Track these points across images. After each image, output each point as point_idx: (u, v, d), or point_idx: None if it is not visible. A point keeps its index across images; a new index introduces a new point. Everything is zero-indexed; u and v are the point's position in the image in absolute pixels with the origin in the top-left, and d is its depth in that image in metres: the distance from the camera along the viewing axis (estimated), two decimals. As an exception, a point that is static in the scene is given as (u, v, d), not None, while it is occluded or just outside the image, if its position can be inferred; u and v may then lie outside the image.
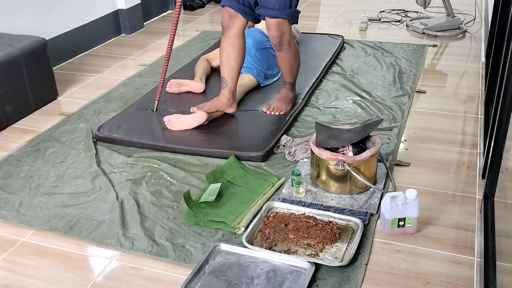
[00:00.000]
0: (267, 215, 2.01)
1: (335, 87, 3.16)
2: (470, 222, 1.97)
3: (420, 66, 3.41)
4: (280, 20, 2.50)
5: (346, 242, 1.87)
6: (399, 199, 1.86)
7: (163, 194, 2.19)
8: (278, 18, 2.50)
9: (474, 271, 1.74)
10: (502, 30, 2.58)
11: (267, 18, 2.52)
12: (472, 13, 4.32)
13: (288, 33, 2.57)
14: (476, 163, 2.34)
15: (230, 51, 2.59)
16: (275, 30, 2.53)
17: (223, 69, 2.63)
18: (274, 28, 2.53)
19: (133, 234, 1.96)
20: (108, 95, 3.18)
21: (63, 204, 2.15)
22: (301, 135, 2.61)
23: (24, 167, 2.44)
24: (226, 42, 2.59)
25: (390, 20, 4.48)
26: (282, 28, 2.53)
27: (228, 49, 2.59)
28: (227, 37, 2.59)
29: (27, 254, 1.90)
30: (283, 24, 2.52)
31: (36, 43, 2.98)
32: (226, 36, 2.59)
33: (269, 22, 2.53)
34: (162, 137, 2.58)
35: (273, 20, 2.51)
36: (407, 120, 2.73)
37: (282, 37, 2.55)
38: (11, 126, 2.87)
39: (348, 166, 2.04)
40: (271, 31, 2.54)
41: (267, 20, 2.53)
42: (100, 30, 4.15)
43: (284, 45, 2.59)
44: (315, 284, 1.70)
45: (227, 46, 2.59)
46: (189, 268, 1.78)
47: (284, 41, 2.57)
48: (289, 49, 2.62)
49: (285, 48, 2.60)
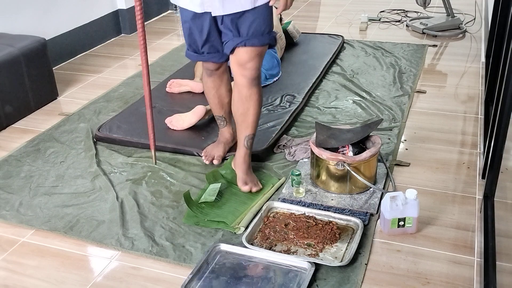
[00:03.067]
0: (267, 215, 2.01)
1: (335, 87, 3.16)
2: (470, 222, 1.97)
3: (420, 66, 3.41)
4: (265, 47, 2.03)
5: (346, 242, 1.87)
6: (399, 199, 1.86)
7: (163, 194, 2.19)
8: (263, 45, 2.00)
9: (474, 271, 1.74)
10: (502, 30, 2.58)
11: (248, 48, 1.98)
12: (472, 13, 4.32)
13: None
14: (476, 163, 2.34)
15: (222, 90, 2.25)
16: (257, 61, 2.03)
17: (218, 108, 2.31)
18: (259, 57, 2.03)
19: (133, 234, 1.96)
20: (108, 95, 3.18)
21: (63, 204, 2.15)
22: (301, 135, 2.61)
23: (24, 167, 2.44)
24: (216, 81, 2.23)
25: (390, 20, 4.48)
26: (262, 56, 2.05)
27: (220, 88, 2.25)
28: (215, 77, 2.22)
29: (27, 254, 1.90)
30: (263, 50, 2.04)
31: (36, 43, 2.98)
32: (214, 77, 2.22)
33: (251, 53, 1.99)
34: (162, 137, 2.57)
35: (260, 49, 2.01)
36: (407, 120, 2.73)
37: (260, 66, 2.07)
38: (11, 126, 2.87)
39: (348, 166, 2.04)
40: (254, 62, 2.00)
41: (247, 51, 1.98)
42: (100, 30, 4.15)
43: (259, 78, 2.10)
44: (315, 284, 1.70)
45: (219, 85, 2.24)
46: (189, 268, 1.78)
47: (260, 72, 2.09)
48: (260, 83, 2.12)
49: (259, 82, 2.11)
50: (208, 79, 2.24)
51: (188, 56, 2.18)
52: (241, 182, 2.17)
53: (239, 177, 2.19)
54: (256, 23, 1.95)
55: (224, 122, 2.36)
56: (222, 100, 2.28)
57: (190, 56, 2.18)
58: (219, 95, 2.27)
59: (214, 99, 2.29)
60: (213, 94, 2.27)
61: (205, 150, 2.39)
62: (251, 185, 2.16)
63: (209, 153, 2.37)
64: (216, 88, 2.25)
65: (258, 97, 2.11)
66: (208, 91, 2.29)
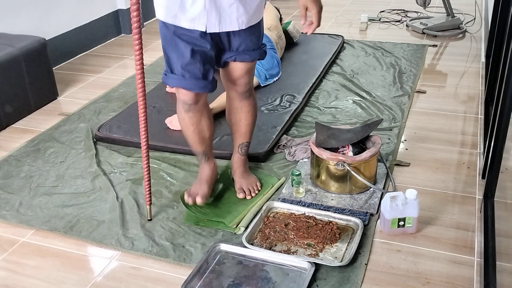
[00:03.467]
0: (267, 215, 2.01)
1: (335, 87, 3.16)
2: (470, 222, 1.97)
3: (420, 66, 3.41)
4: (255, 62, 2.00)
5: (346, 242, 1.87)
6: (399, 199, 1.86)
7: (163, 194, 2.19)
8: (254, 60, 1.96)
9: (474, 271, 1.74)
10: (502, 30, 2.58)
11: (241, 63, 1.93)
12: (472, 13, 4.32)
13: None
14: (476, 163, 2.34)
15: (203, 125, 2.01)
16: (250, 75, 2.00)
17: (198, 144, 2.05)
18: (250, 73, 2.00)
19: (133, 234, 1.96)
20: (108, 95, 3.18)
21: (63, 204, 2.15)
22: (301, 135, 2.61)
23: (24, 167, 2.44)
24: (196, 116, 1.98)
25: (390, 20, 4.48)
26: (253, 70, 2.03)
27: (200, 123, 2.00)
28: (194, 112, 1.96)
29: (27, 254, 1.90)
30: (254, 65, 2.03)
31: (36, 43, 2.98)
32: (193, 112, 1.96)
33: (244, 68, 1.95)
34: (162, 137, 2.57)
35: (250, 64, 1.97)
36: (407, 120, 2.73)
37: (252, 80, 2.05)
38: (11, 126, 2.87)
39: (348, 166, 2.04)
40: (244, 78, 1.98)
41: (241, 65, 1.94)
42: (100, 30, 4.15)
43: (252, 90, 2.08)
44: (315, 284, 1.70)
45: (198, 120, 1.99)
46: (189, 268, 1.78)
47: (253, 85, 2.08)
48: (253, 93, 2.09)
49: (253, 93, 2.08)
50: (186, 115, 1.97)
51: (167, 81, 1.92)
52: (237, 187, 2.15)
53: (236, 181, 2.17)
54: (248, 40, 1.88)
55: (205, 158, 2.11)
56: (203, 136, 2.04)
57: (168, 80, 1.91)
58: (199, 131, 2.01)
59: (193, 136, 2.03)
60: (192, 130, 2.01)
61: (187, 191, 2.11)
62: (246, 192, 2.13)
63: (192, 192, 2.09)
64: (196, 124, 1.99)
65: (250, 108, 2.07)
66: (186, 128, 2.02)
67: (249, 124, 2.11)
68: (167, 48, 1.86)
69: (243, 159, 2.19)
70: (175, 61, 1.85)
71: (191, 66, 1.83)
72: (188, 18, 1.76)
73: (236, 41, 1.87)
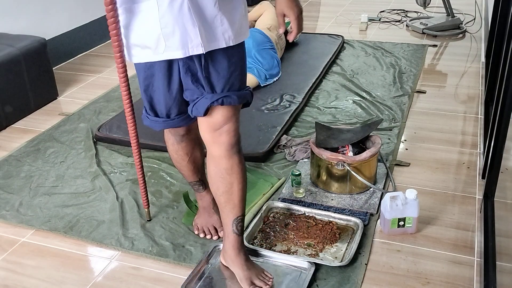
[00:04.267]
0: (267, 215, 2.01)
1: (335, 87, 3.16)
2: (470, 222, 1.97)
3: (420, 66, 3.41)
4: (238, 105, 1.58)
5: (346, 242, 1.87)
6: (399, 199, 1.86)
7: (163, 194, 2.19)
8: (241, 103, 1.57)
9: (474, 271, 1.74)
10: (502, 30, 2.58)
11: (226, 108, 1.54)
12: (472, 13, 4.32)
13: None
14: (476, 163, 2.34)
15: (197, 153, 1.84)
16: (235, 123, 1.58)
17: (194, 174, 1.87)
18: (234, 120, 1.57)
19: (133, 234, 1.96)
20: (108, 95, 3.18)
21: (63, 204, 2.15)
22: (301, 135, 2.61)
23: (24, 167, 2.44)
24: (189, 146, 1.80)
25: (390, 20, 4.48)
26: (238, 116, 1.60)
27: (194, 152, 1.82)
28: (187, 142, 1.79)
29: (27, 254, 1.90)
30: (239, 110, 1.60)
31: (36, 43, 2.98)
32: (186, 142, 1.78)
33: (228, 113, 1.55)
34: (162, 137, 2.57)
35: (236, 108, 1.57)
36: (407, 120, 2.73)
37: (238, 129, 1.60)
38: (11, 126, 2.87)
39: (348, 166, 2.04)
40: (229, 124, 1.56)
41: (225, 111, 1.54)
42: (100, 30, 4.15)
43: (239, 143, 1.62)
44: (315, 284, 1.70)
45: (191, 149, 1.81)
46: (189, 268, 1.78)
47: (239, 136, 1.62)
48: (240, 148, 1.63)
49: (240, 147, 1.62)
50: (178, 146, 1.78)
51: (151, 124, 1.69)
52: (245, 282, 1.67)
53: (240, 276, 1.68)
54: (233, 76, 1.52)
55: (203, 186, 1.93)
56: (198, 164, 1.86)
57: (154, 124, 1.69)
58: (193, 160, 1.83)
59: (188, 167, 1.84)
60: (187, 161, 1.82)
61: (195, 224, 1.95)
62: (259, 281, 1.67)
63: (204, 225, 1.93)
64: (190, 154, 1.81)
65: (242, 168, 1.62)
66: (181, 160, 1.82)
67: (242, 189, 1.64)
68: (145, 87, 1.60)
69: (239, 240, 1.70)
70: (156, 100, 1.62)
71: (175, 105, 1.61)
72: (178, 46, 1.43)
73: (217, 77, 1.51)
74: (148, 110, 1.66)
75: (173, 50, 1.44)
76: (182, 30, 1.41)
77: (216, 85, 1.52)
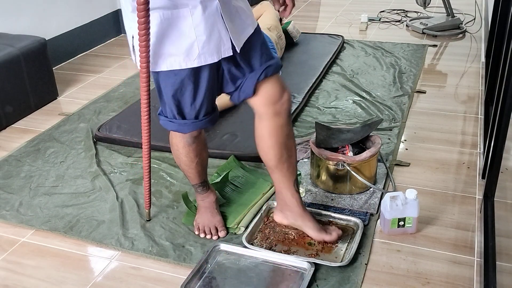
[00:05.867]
0: (267, 215, 2.01)
1: (335, 87, 3.16)
2: (470, 222, 1.97)
3: (420, 66, 3.41)
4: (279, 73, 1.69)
5: (346, 242, 1.87)
6: (399, 199, 1.86)
7: (163, 194, 2.19)
8: (278, 71, 1.67)
9: (474, 271, 1.74)
10: (502, 30, 2.58)
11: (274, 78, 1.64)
12: (472, 13, 4.32)
13: None
14: (476, 163, 2.34)
15: (204, 154, 1.87)
16: (288, 89, 1.68)
17: (201, 175, 1.90)
18: (286, 86, 1.68)
19: (133, 234, 1.96)
20: (108, 95, 3.18)
21: (63, 204, 2.15)
22: (301, 135, 2.61)
23: (24, 167, 2.44)
24: (199, 147, 1.81)
25: (390, 20, 4.48)
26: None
27: (202, 153, 1.85)
28: (198, 143, 1.80)
29: (27, 254, 1.90)
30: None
31: (36, 43, 2.98)
32: (196, 143, 1.79)
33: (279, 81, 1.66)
34: (162, 137, 2.57)
35: (279, 76, 1.67)
36: (407, 120, 2.73)
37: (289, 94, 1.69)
38: (11, 126, 2.87)
39: (348, 166, 2.04)
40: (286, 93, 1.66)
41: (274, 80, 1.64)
42: (100, 30, 4.15)
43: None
44: (315, 284, 1.70)
45: (201, 150, 1.83)
46: (189, 268, 1.78)
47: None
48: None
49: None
50: (189, 148, 1.79)
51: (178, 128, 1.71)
52: (321, 229, 1.83)
53: (313, 226, 1.82)
54: (262, 48, 1.62)
55: (207, 186, 1.96)
56: (204, 165, 1.90)
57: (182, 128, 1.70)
58: (202, 161, 1.86)
59: (197, 168, 1.86)
60: (196, 163, 1.84)
61: (196, 225, 1.96)
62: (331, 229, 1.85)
63: (205, 225, 1.94)
64: (199, 155, 1.83)
65: (292, 127, 1.75)
66: (190, 162, 1.83)
67: (292, 151, 1.76)
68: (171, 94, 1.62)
69: (301, 198, 1.86)
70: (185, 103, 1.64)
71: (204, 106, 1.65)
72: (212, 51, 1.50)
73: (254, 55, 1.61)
74: (176, 114, 1.67)
75: (206, 56, 1.50)
76: (217, 37, 1.48)
77: (254, 64, 1.60)
